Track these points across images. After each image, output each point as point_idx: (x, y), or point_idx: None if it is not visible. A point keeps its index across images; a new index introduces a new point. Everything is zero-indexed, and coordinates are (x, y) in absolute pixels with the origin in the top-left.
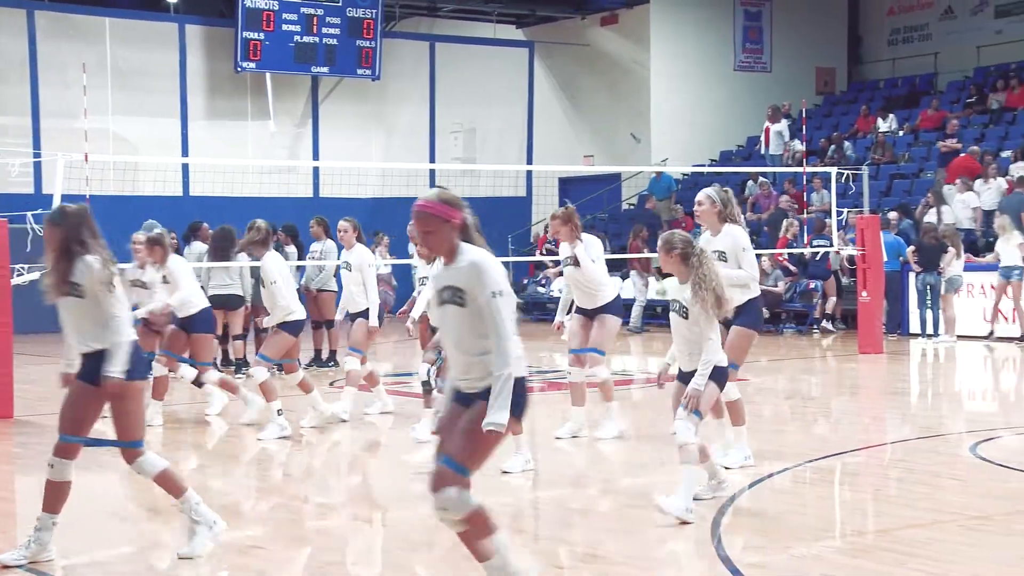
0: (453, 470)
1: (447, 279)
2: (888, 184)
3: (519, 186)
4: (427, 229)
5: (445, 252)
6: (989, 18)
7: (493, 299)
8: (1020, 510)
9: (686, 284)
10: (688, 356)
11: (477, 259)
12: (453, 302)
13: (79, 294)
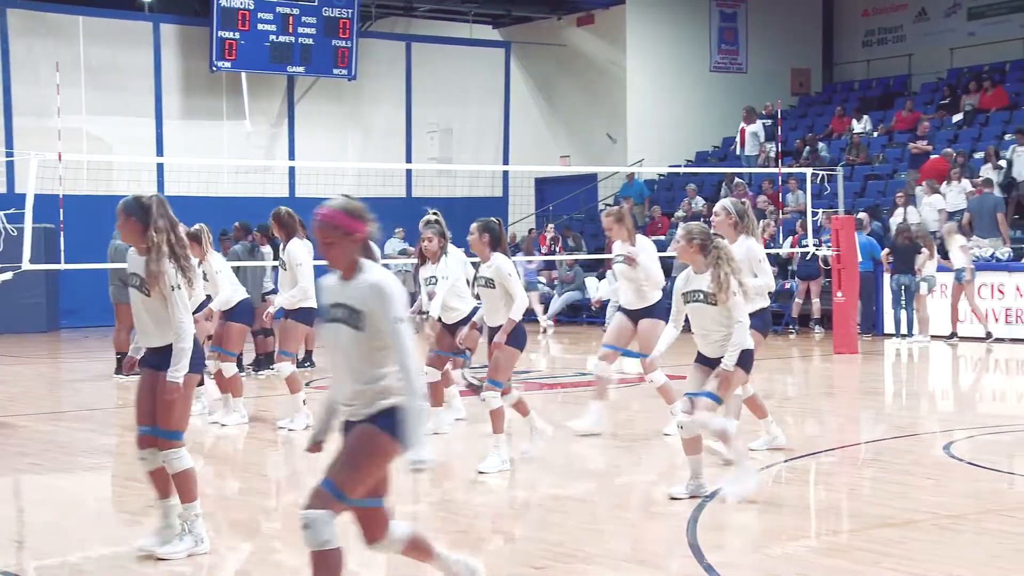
0: (334, 496)
1: (343, 296)
2: (862, 185)
3: (495, 186)
4: (327, 240)
5: (343, 267)
6: (962, 20)
7: (396, 326)
8: (992, 509)
9: (702, 274)
10: (712, 343)
11: (380, 282)
12: (348, 323)
13: (146, 291)
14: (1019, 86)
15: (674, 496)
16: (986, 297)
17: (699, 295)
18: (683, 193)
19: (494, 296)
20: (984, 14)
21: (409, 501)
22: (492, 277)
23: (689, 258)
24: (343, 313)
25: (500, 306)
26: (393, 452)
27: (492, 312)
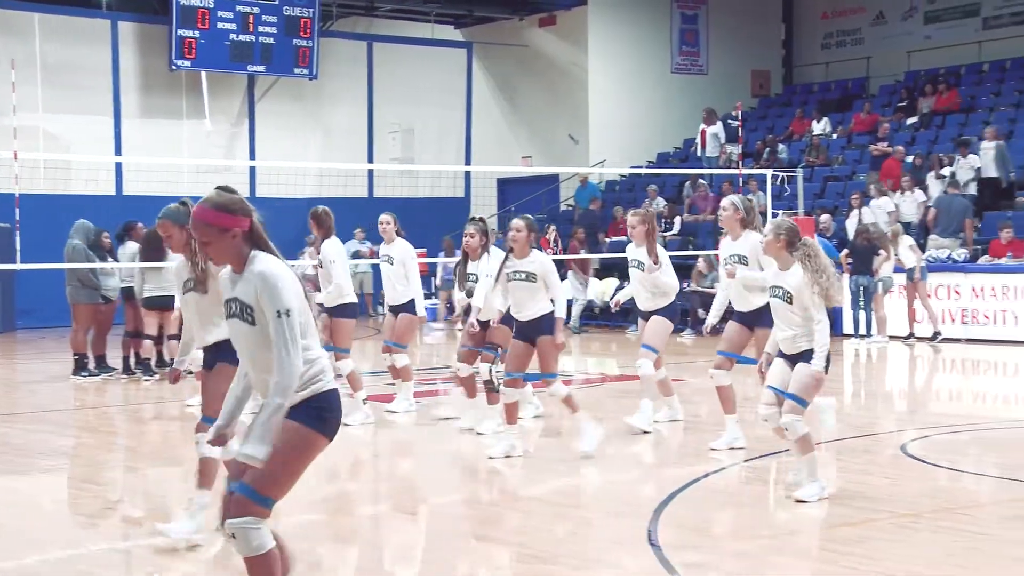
0: (253, 500)
1: (235, 291)
2: (822, 186)
3: (457, 187)
4: (204, 240)
5: (230, 262)
6: (918, 24)
7: (278, 319)
8: (949, 507)
9: (785, 271)
10: (791, 340)
11: (266, 271)
12: (242, 318)
13: (204, 291)
14: (973, 89)
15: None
16: (942, 298)
17: (779, 291)
18: (644, 194)
19: (531, 290)
20: (939, 18)
21: (370, 503)
22: (536, 272)
23: (775, 253)
24: (237, 308)
25: (534, 300)
26: (316, 443)
27: (523, 306)
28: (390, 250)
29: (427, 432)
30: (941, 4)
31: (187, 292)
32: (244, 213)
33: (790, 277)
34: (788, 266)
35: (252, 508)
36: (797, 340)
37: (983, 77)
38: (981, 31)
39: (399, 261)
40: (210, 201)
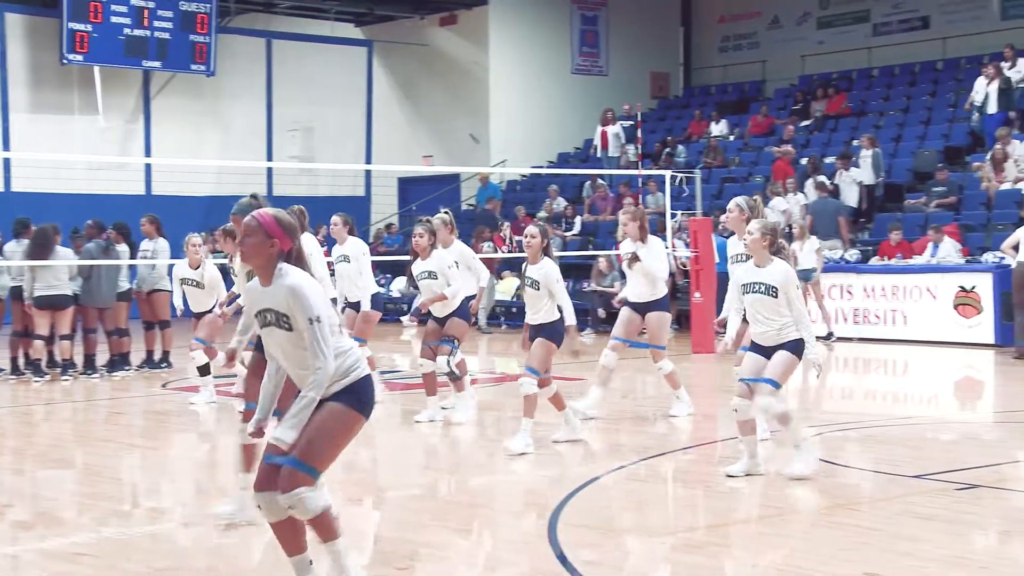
0: (303, 471)
1: (266, 301)
2: (719, 188)
3: (358, 185)
4: (247, 234)
5: (258, 266)
6: (812, 29)
7: (310, 325)
8: (843, 504)
9: (763, 268)
10: (777, 332)
11: (295, 284)
12: (279, 326)
13: None
14: (864, 94)
15: (731, 474)
16: (835, 298)
17: (760, 287)
18: (545, 194)
19: (536, 296)
20: (832, 24)
21: None
22: (539, 280)
23: (758, 251)
24: (273, 318)
25: (539, 306)
26: (356, 422)
27: (531, 310)
28: (344, 249)
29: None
30: (833, 10)
31: None
32: (292, 236)
33: (774, 273)
34: (766, 263)
35: (300, 478)
36: (783, 331)
37: (873, 82)
38: (871, 37)
39: (354, 258)
40: (273, 212)
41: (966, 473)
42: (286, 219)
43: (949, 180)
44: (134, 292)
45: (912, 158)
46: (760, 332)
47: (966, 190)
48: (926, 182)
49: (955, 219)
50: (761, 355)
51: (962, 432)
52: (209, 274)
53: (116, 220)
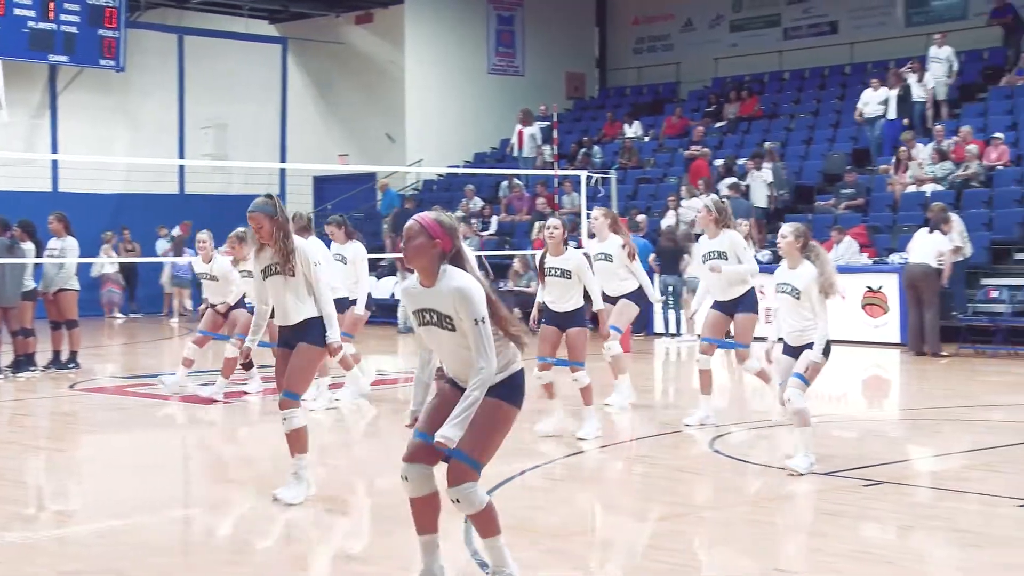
0: (468, 465)
1: (427, 302)
2: (635, 188)
3: (272, 184)
4: (410, 236)
5: (422, 267)
6: (725, 32)
7: (475, 326)
8: (753, 501)
9: (793, 270)
10: (800, 333)
11: (461, 286)
12: (440, 326)
13: (292, 273)
14: (776, 96)
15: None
16: None
17: (787, 287)
18: (461, 193)
19: (566, 285)
20: (744, 27)
21: (179, 506)
22: (570, 269)
23: (789, 252)
24: (435, 318)
25: (568, 295)
26: (512, 415)
27: (559, 299)
28: (343, 250)
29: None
30: (745, 13)
31: (270, 276)
32: (452, 237)
33: (801, 275)
34: (797, 265)
35: (468, 474)
36: (805, 333)
37: (784, 85)
38: (782, 41)
39: (351, 261)
40: (433, 214)
41: (872, 470)
42: (446, 221)
43: (857, 182)
44: (39, 292)
45: (822, 160)
46: (787, 332)
47: (873, 192)
48: (835, 184)
49: (863, 221)
50: (791, 356)
51: (869, 430)
52: (220, 267)
53: (21, 218)
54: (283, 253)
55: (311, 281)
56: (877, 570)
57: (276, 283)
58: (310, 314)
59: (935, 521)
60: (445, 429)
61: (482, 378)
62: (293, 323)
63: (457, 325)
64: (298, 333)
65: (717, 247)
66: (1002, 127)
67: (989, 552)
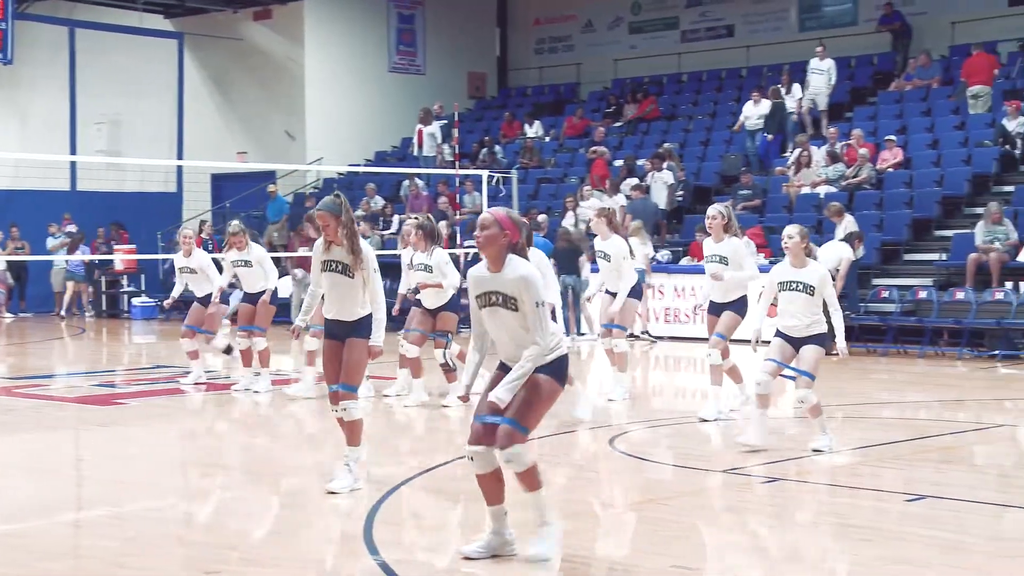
0: (519, 430)
1: (493, 285)
2: (536, 188)
3: (169, 181)
4: (484, 227)
5: (491, 256)
6: (624, 33)
7: (535, 308)
8: (651, 499)
9: (802, 268)
10: (807, 326)
11: (525, 274)
12: (505, 307)
13: (351, 275)
14: (674, 98)
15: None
16: (648, 297)
17: (799, 285)
18: (362, 192)
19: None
20: (643, 29)
21: (73, 509)
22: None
23: (797, 252)
24: (500, 299)
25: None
26: (557, 393)
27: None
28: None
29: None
30: (644, 16)
31: (330, 271)
32: (520, 230)
33: (811, 273)
34: (804, 264)
35: (517, 437)
36: (812, 326)
37: (683, 87)
38: (680, 43)
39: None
40: (504, 209)
41: (769, 467)
42: (516, 216)
43: (754, 184)
44: None
45: (719, 162)
46: (791, 325)
47: (770, 193)
48: (732, 185)
49: (759, 222)
50: (788, 343)
51: (768, 427)
52: (199, 261)
53: None
54: (351, 253)
55: (368, 283)
56: (773, 565)
57: (335, 279)
58: (363, 312)
59: (829, 517)
60: (498, 391)
61: (534, 353)
62: (346, 320)
63: (520, 307)
64: (350, 329)
65: (721, 251)
66: (892, 130)
67: (880, 546)
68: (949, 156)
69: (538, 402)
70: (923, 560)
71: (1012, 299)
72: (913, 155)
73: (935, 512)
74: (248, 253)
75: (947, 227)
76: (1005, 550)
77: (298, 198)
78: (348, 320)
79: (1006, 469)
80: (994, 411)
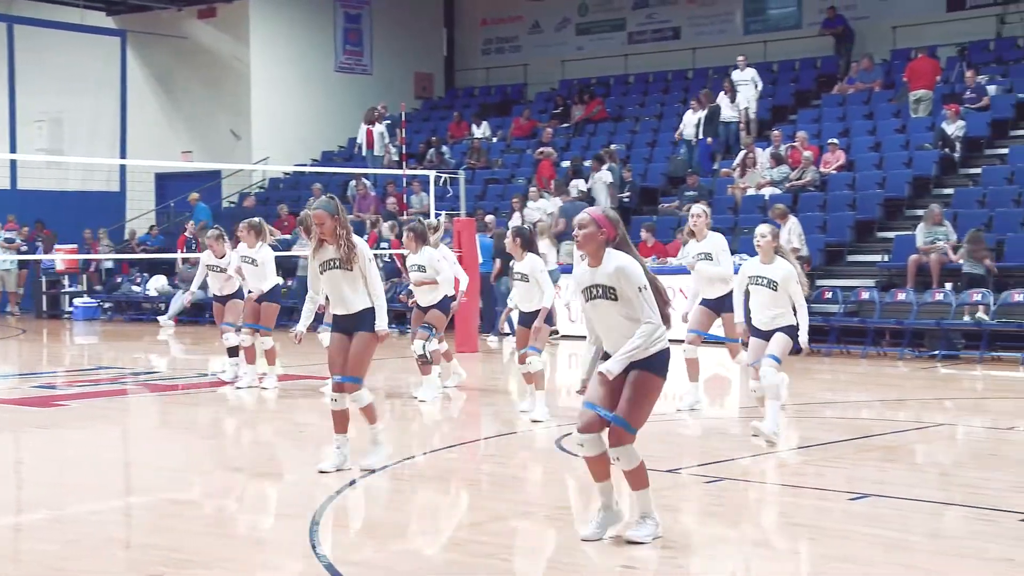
0: (628, 431)
1: (595, 279)
2: (483, 188)
3: (112, 180)
4: (582, 225)
5: (591, 251)
6: (571, 35)
7: (640, 292)
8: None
9: (769, 264)
10: (772, 318)
11: (622, 265)
12: (606, 298)
13: (349, 268)
14: (621, 100)
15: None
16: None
17: (763, 280)
18: (309, 192)
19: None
20: (590, 30)
21: (12, 513)
22: (527, 273)
23: (767, 249)
24: (601, 291)
25: (532, 296)
26: (660, 387)
27: (525, 301)
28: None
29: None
30: (591, 17)
31: (329, 270)
32: (616, 227)
33: (776, 269)
34: (772, 260)
35: (627, 437)
36: (777, 319)
37: (629, 88)
38: (627, 45)
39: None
40: (601, 208)
41: (714, 467)
42: (612, 214)
43: (700, 184)
44: None
45: (666, 163)
46: (760, 319)
47: (715, 195)
48: (678, 186)
49: None
50: (761, 339)
51: (710, 427)
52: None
53: None
54: (346, 250)
55: (365, 275)
56: (719, 565)
57: (335, 276)
58: (365, 304)
59: (773, 516)
60: (609, 363)
61: (646, 329)
62: (351, 312)
63: (620, 295)
64: (355, 322)
65: (705, 249)
66: (835, 133)
67: (824, 545)
68: (891, 159)
69: (644, 400)
70: (866, 558)
71: (951, 300)
72: (856, 157)
73: (878, 511)
74: (257, 251)
75: (889, 229)
76: (946, 547)
77: (242, 198)
78: (352, 312)
79: (946, 468)
80: (934, 410)
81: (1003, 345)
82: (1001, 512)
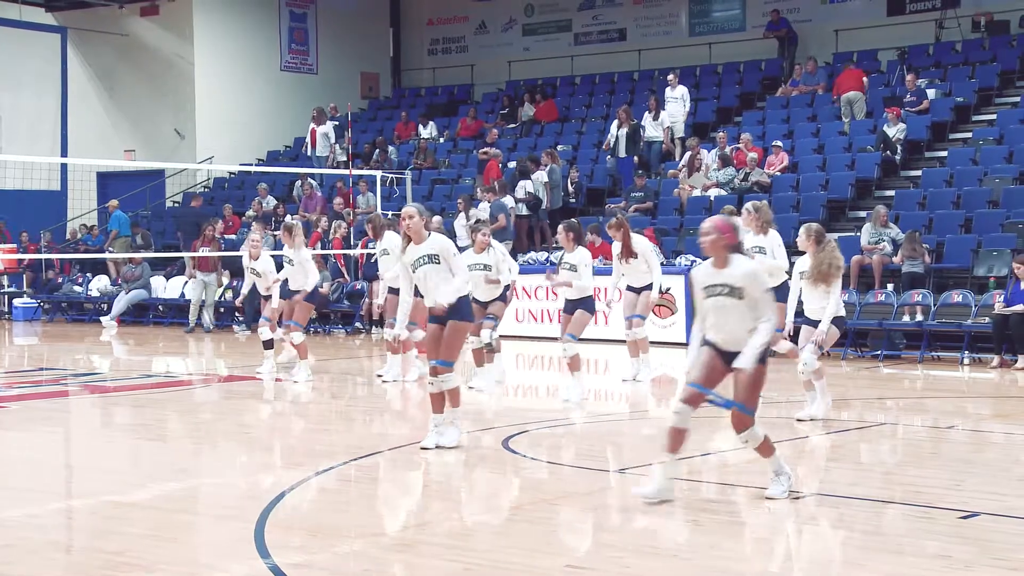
0: (747, 414)
1: (720, 279)
2: (430, 188)
3: (53, 179)
4: (707, 232)
5: (716, 255)
6: (518, 35)
7: (765, 293)
8: (544, 499)
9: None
10: (819, 310)
11: (747, 269)
12: (730, 296)
13: (438, 262)
14: (568, 100)
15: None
16: (540, 299)
17: (806, 274)
18: (254, 192)
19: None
20: (536, 31)
21: None
22: (576, 263)
23: (809, 248)
24: (726, 290)
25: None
26: (766, 373)
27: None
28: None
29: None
30: (537, 18)
31: (421, 267)
32: (737, 233)
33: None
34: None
35: (747, 420)
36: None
37: (576, 89)
38: (573, 46)
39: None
40: (724, 216)
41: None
42: (732, 220)
43: (646, 186)
44: None
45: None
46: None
47: (661, 196)
48: (625, 187)
49: (652, 223)
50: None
51: (658, 427)
52: (263, 265)
53: None
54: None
55: (452, 268)
56: (665, 564)
57: (427, 271)
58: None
59: (719, 515)
60: (741, 360)
61: (766, 328)
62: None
63: (746, 295)
64: (450, 311)
65: (759, 243)
66: (779, 135)
67: (768, 543)
68: (834, 161)
69: (757, 385)
70: (807, 555)
71: (893, 300)
72: (800, 159)
73: (820, 509)
74: (296, 253)
75: (832, 230)
76: (885, 545)
77: (187, 197)
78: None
79: (888, 467)
80: (877, 410)
81: (943, 345)
82: (940, 510)
